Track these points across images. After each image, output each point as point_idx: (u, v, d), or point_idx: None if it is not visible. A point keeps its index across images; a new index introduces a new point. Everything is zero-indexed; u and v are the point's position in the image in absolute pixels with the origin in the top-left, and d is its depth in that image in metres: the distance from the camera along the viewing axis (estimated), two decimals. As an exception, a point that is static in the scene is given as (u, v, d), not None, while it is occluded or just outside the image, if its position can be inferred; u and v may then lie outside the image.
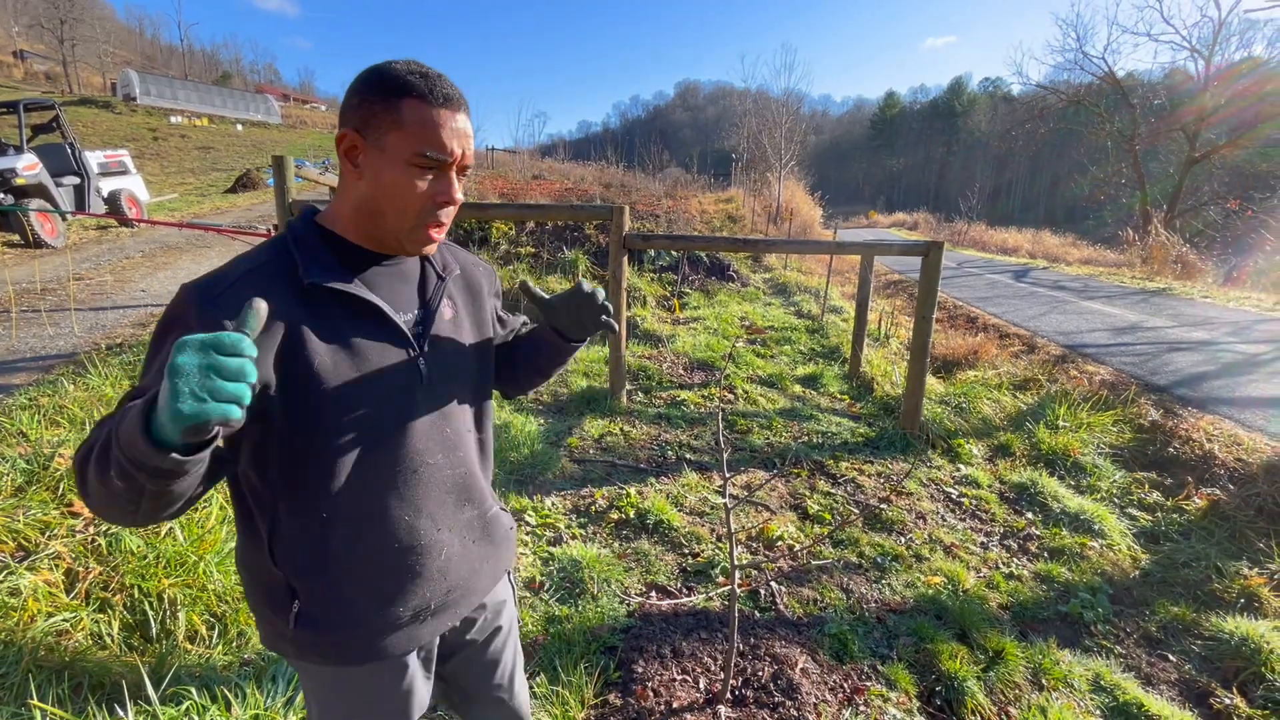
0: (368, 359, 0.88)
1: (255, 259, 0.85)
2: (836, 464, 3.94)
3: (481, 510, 1.06)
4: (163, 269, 7.57)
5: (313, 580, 0.90)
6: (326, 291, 0.85)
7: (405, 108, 0.82)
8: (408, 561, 0.94)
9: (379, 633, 0.94)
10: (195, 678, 1.80)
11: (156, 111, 35.44)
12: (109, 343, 4.59)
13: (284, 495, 0.87)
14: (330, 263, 0.87)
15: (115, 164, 11.09)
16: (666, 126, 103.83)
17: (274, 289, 0.81)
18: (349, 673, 0.97)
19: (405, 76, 0.82)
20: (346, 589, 0.91)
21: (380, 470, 0.90)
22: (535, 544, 2.90)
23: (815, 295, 10.05)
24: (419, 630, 0.98)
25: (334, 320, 0.86)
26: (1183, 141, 21.84)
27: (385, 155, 0.83)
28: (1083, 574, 3.08)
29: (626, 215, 4.43)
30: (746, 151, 22.40)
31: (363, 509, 0.90)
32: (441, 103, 0.83)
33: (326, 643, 0.93)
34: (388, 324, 0.91)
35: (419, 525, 0.94)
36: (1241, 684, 2.44)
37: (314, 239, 0.89)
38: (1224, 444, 4.32)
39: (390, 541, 0.92)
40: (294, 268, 0.85)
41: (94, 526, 2.18)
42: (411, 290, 0.97)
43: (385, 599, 0.93)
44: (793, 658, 2.17)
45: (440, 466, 0.97)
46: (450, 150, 0.85)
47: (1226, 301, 9.99)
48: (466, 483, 1.02)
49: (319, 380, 0.83)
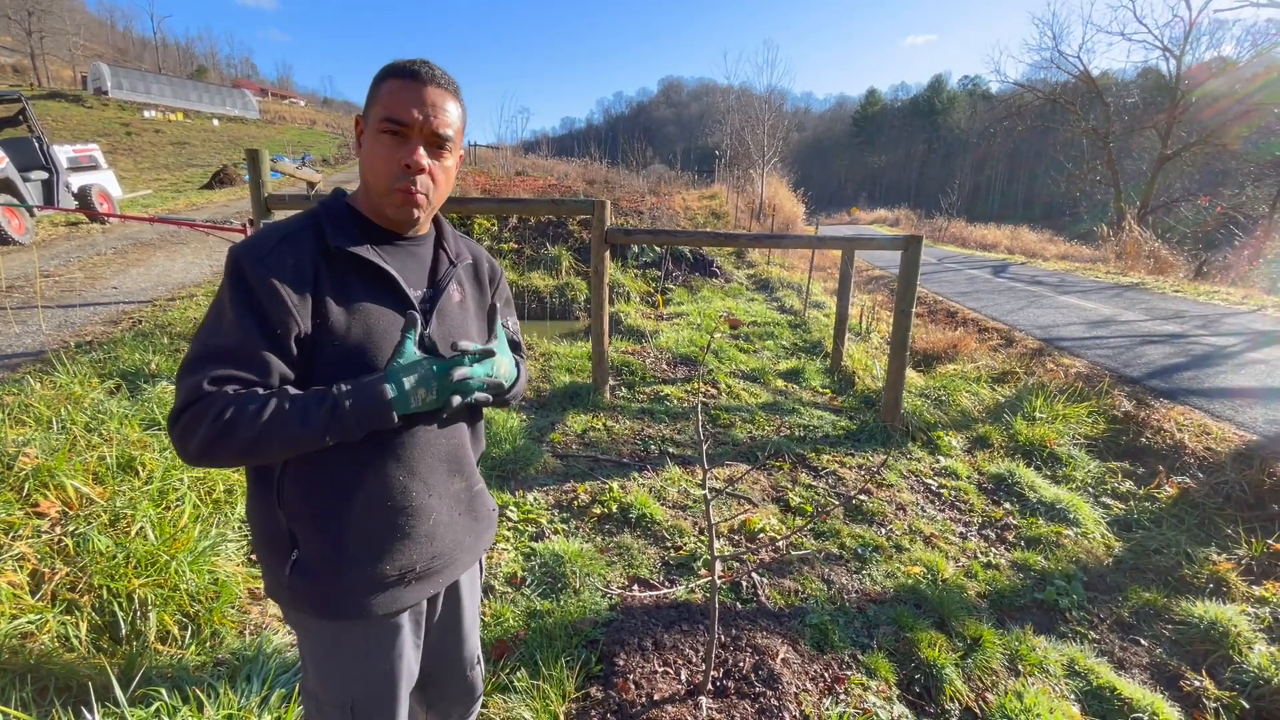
0: (376, 322, 0.96)
1: (290, 226, 0.96)
2: (818, 457, 3.97)
3: (469, 484, 1.14)
4: (135, 265, 7.41)
5: (310, 529, 0.98)
6: (348, 256, 0.96)
7: (383, 86, 0.96)
8: (398, 521, 1.01)
9: (366, 589, 1.00)
10: (167, 679, 1.76)
11: (129, 106, 34.67)
12: (78, 341, 4.49)
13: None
14: (353, 233, 0.98)
15: (85, 159, 10.83)
16: (650, 123, 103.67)
17: (305, 252, 0.93)
18: (341, 629, 1.02)
19: (395, 64, 0.96)
20: (340, 541, 0.98)
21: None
22: (517, 539, 2.88)
23: (798, 291, 10.11)
24: (404, 592, 1.04)
25: (351, 284, 0.96)
26: (1155, 140, 22.28)
27: (369, 129, 0.97)
28: (1058, 562, 3.13)
29: (609, 210, 4.42)
30: (730, 148, 22.46)
31: (360, 463, 0.97)
32: (409, 77, 0.95)
33: (317, 593, 0.99)
34: (399, 293, 0.99)
35: (411, 487, 1.01)
36: (1210, 666, 2.50)
37: (342, 212, 1.00)
38: (1194, 433, 4.41)
39: (384, 499, 0.99)
40: (322, 234, 0.96)
41: (60, 527, 2.13)
42: (424, 270, 1.06)
43: (375, 555, 1.00)
44: (774, 648, 2.18)
45: (435, 435, 1.04)
46: (411, 117, 0.94)
47: (1197, 295, 10.21)
48: (458, 455, 1.09)
49: (332, 335, 0.93)
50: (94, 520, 2.18)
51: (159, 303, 5.82)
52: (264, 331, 0.89)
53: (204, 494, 2.56)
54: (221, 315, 0.91)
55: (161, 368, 3.84)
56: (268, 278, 0.89)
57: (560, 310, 9.18)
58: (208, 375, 0.87)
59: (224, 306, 0.90)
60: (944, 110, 77.92)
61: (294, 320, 0.90)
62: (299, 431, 0.87)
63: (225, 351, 0.88)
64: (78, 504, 2.25)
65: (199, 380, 0.87)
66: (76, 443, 2.58)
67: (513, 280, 9.32)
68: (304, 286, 0.91)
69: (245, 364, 0.89)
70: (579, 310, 9.11)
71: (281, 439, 0.87)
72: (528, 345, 6.04)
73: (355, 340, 0.95)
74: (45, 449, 2.45)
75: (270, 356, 0.90)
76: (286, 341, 0.91)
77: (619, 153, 24.00)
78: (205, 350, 0.89)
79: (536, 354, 5.84)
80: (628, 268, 10.18)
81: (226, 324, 0.89)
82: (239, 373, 0.88)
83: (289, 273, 0.91)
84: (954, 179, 43.83)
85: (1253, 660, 2.46)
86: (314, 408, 0.88)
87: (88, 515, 2.20)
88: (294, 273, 0.91)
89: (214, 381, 0.87)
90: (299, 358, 0.93)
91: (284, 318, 0.89)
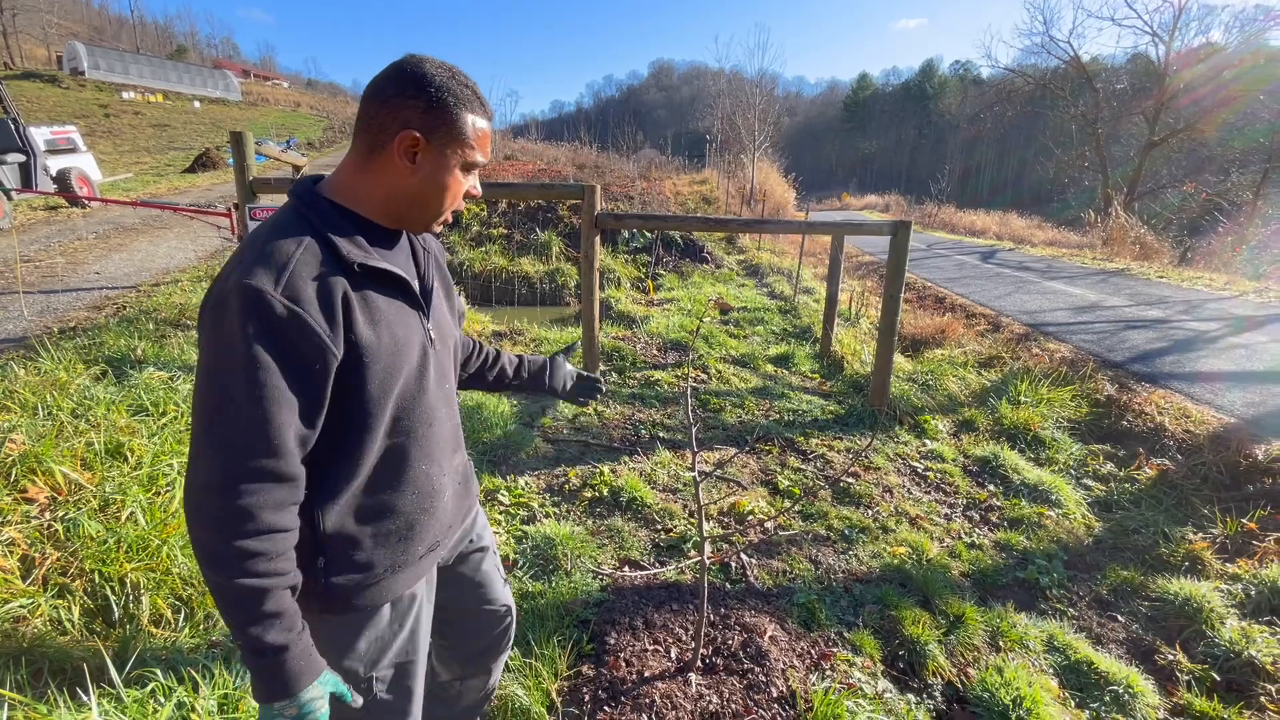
0: (398, 327, 0.96)
1: (291, 243, 0.86)
2: (807, 440, 4.01)
3: (464, 457, 1.23)
4: (118, 251, 7.30)
5: (339, 533, 0.96)
6: (370, 270, 0.92)
7: (468, 123, 0.95)
8: (424, 505, 1.06)
9: (397, 572, 1.04)
10: (161, 661, 1.78)
11: (107, 87, 33.86)
12: (61, 326, 4.43)
13: (327, 458, 0.93)
14: (361, 243, 0.94)
15: (63, 141, 10.61)
16: (640, 107, 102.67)
17: (324, 269, 0.86)
18: (367, 618, 1.04)
19: (463, 91, 0.94)
20: (374, 538, 1.00)
21: (407, 425, 1.00)
22: (509, 523, 2.91)
23: (788, 276, 10.14)
24: (425, 564, 1.10)
25: (370, 294, 0.93)
26: (1143, 126, 22.40)
27: (444, 160, 0.94)
28: (1040, 542, 3.20)
29: (598, 194, 4.40)
30: (721, 133, 22.30)
31: (393, 463, 1.00)
32: (489, 119, 1.00)
33: (351, 589, 0.99)
34: (410, 294, 1.00)
35: (432, 472, 1.07)
36: (1184, 641, 2.58)
37: (339, 219, 0.93)
38: (1174, 416, 4.50)
39: (413, 490, 1.04)
40: (329, 246, 0.89)
41: (49, 512, 2.13)
42: (410, 262, 1.06)
43: (406, 541, 1.04)
44: (762, 626, 2.23)
45: (445, 420, 1.10)
46: (489, 157, 1.01)
47: (1181, 281, 10.34)
48: (457, 434, 1.18)
49: (363, 351, 0.90)
50: (83, 505, 2.18)
51: (143, 288, 5.75)
52: (300, 390, 0.84)
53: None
54: (235, 373, 0.80)
55: (148, 353, 3.81)
56: (298, 313, 0.81)
57: (550, 296, 9.15)
58: (246, 519, 0.81)
59: (239, 360, 0.79)
60: (935, 95, 77.78)
61: (332, 353, 0.85)
62: (242, 626, 0.84)
63: (257, 462, 0.81)
64: (66, 489, 2.25)
65: (236, 526, 0.81)
66: (63, 429, 2.57)
67: (503, 266, 9.28)
68: (334, 311, 0.85)
69: (280, 474, 0.84)
70: (569, 296, 9.09)
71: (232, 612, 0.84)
72: (518, 331, 6.04)
73: (387, 352, 0.93)
74: (32, 435, 2.44)
75: (302, 434, 0.86)
76: (326, 384, 0.86)
77: (609, 137, 23.81)
78: (230, 458, 0.81)
79: (527, 339, 5.84)
80: (618, 253, 10.15)
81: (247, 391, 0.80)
82: (275, 495, 0.83)
83: (319, 300, 0.84)
84: (944, 165, 43.88)
85: (1224, 635, 2.54)
86: (264, 643, 0.84)
87: (77, 501, 2.20)
88: (323, 298, 0.84)
89: (252, 531, 0.82)
90: (333, 385, 0.88)
91: (323, 356, 0.84)
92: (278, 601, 0.84)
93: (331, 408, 0.90)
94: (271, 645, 0.83)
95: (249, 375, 0.80)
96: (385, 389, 0.94)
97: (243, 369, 0.80)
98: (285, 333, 0.81)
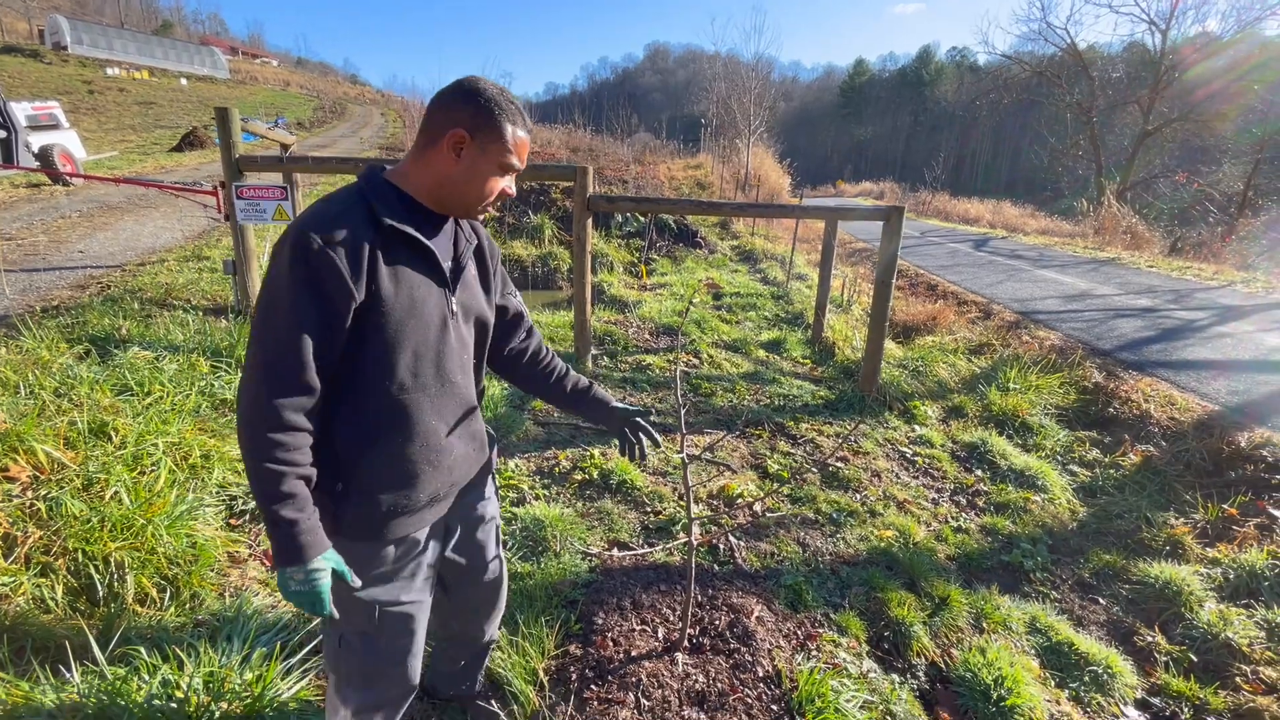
0: (417, 289, 1.12)
1: (342, 205, 1.08)
2: (797, 425, 4.03)
3: (478, 425, 1.37)
4: (102, 229, 7.19)
5: (355, 463, 1.14)
6: (398, 232, 1.09)
7: (508, 130, 1.14)
8: (429, 457, 1.21)
9: (399, 513, 1.19)
10: (146, 639, 1.77)
11: (91, 62, 33.12)
12: (44, 305, 4.37)
13: (347, 390, 1.11)
14: (401, 212, 1.12)
15: (45, 116, 10.39)
16: (635, 90, 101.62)
17: (361, 227, 1.06)
18: (375, 548, 1.20)
19: (509, 106, 1.13)
20: (381, 474, 1.16)
21: (423, 381, 1.16)
22: (498, 504, 2.90)
23: (781, 263, 10.12)
24: (427, 513, 1.25)
25: (399, 255, 1.10)
26: (1138, 115, 22.38)
27: (484, 157, 1.13)
28: (1025, 526, 3.24)
29: (591, 176, 4.36)
30: (716, 117, 22.11)
31: (406, 414, 1.15)
32: (528, 132, 1.19)
33: (359, 517, 1.16)
34: (436, 266, 1.16)
35: (440, 429, 1.22)
36: (1163, 623, 2.63)
37: (389, 192, 1.13)
38: (1159, 404, 4.55)
39: (421, 442, 1.19)
40: (372, 210, 1.09)
41: (31, 491, 2.10)
42: (449, 244, 1.23)
43: (410, 486, 1.19)
44: (749, 607, 2.24)
45: (460, 385, 1.25)
46: (523, 164, 1.20)
47: (1170, 271, 10.41)
48: (471, 401, 1.31)
49: (382, 300, 1.07)
50: (66, 484, 2.15)
51: (129, 268, 5.67)
52: (320, 313, 1.02)
53: (180, 459, 2.54)
54: (280, 295, 1.02)
55: (133, 333, 3.76)
56: (327, 252, 1.00)
57: (543, 279, 9.10)
58: (272, 414, 1.02)
59: (283, 286, 1.02)
60: (931, 82, 77.34)
61: (351, 292, 1.03)
62: (263, 502, 1.04)
63: (285, 370, 1.02)
64: (49, 468, 2.22)
65: (265, 417, 1.02)
66: (46, 407, 2.53)
67: (494, 249, 9.19)
68: (360, 259, 1.04)
69: (302, 384, 1.03)
70: (562, 280, 9.04)
71: (259, 488, 1.04)
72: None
73: (403, 306, 1.09)
74: (13, 413, 2.41)
75: (320, 351, 1.04)
76: (344, 314, 1.04)
77: (603, 120, 23.55)
78: (268, 362, 1.02)
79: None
80: (611, 237, 10.10)
81: (285, 310, 1.01)
82: (296, 400, 1.04)
83: (347, 246, 1.02)
84: (939, 153, 43.77)
85: (1203, 617, 2.59)
86: (279, 516, 1.03)
87: (59, 479, 2.18)
88: (352, 247, 1.03)
89: (276, 426, 1.02)
90: (351, 326, 1.06)
91: (342, 289, 1.02)
92: (292, 485, 1.04)
93: (353, 348, 1.08)
94: (285, 519, 1.03)
95: (286, 299, 1.01)
96: (399, 339, 1.10)
97: (282, 294, 1.02)
98: (317, 270, 1.01)
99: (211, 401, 3.13)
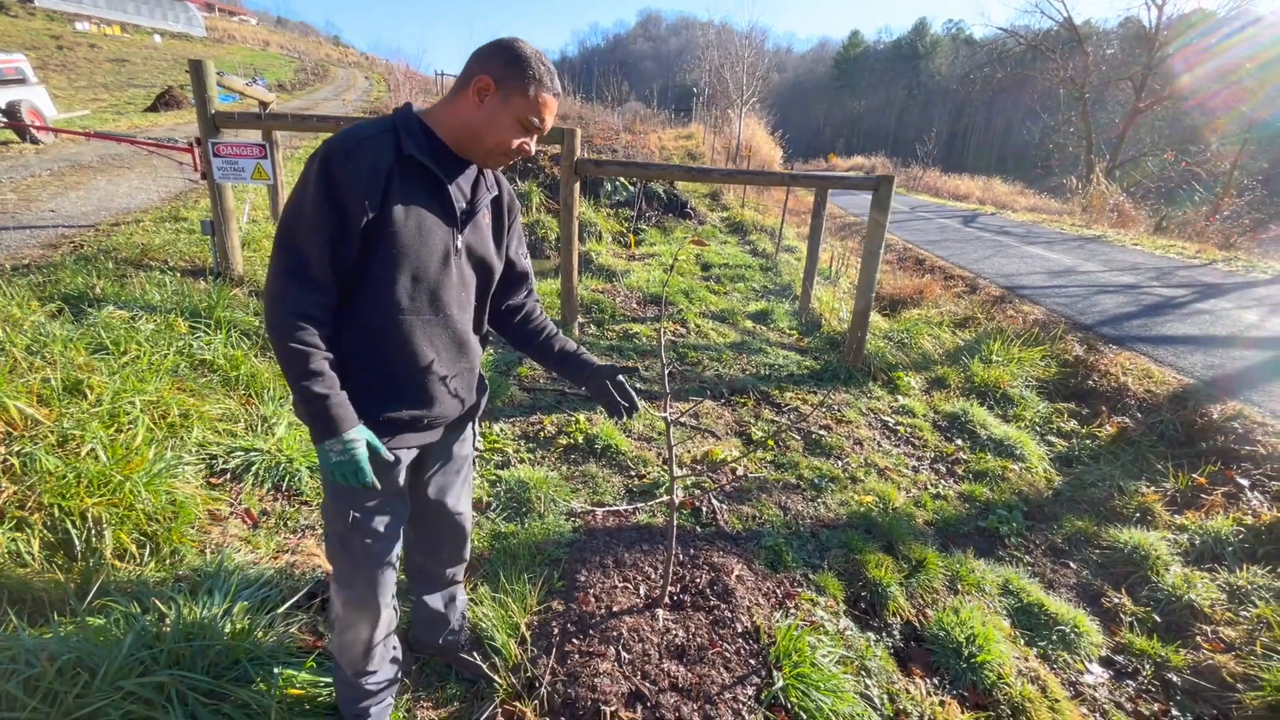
0: (425, 219, 1.21)
1: (372, 129, 1.17)
2: (781, 394, 4.05)
3: (472, 365, 1.43)
4: (74, 189, 6.96)
5: (353, 370, 1.24)
6: (416, 163, 1.18)
7: (532, 87, 1.20)
8: (416, 379, 1.30)
9: (385, 424, 1.28)
10: (126, 594, 1.76)
11: (59, 16, 31.71)
12: (14, 264, 4.24)
13: (354, 301, 1.21)
14: (425, 147, 1.21)
15: (11, 70, 9.98)
16: (627, 57, 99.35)
17: (384, 152, 1.15)
18: None
19: (539, 67, 1.20)
20: (371, 384, 1.26)
21: (419, 305, 1.25)
22: (482, 467, 2.91)
23: (770, 234, 10.07)
24: (407, 437, 1.34)
25: (414, 185, 1.19)
26: (1130, 92, 22.30)
27: (506, 107, 1.20)
28: (1002, 493, 3.31)
29: (578, 139, 4.28)
30: (708, 86, 21.72)
31: (400, 333, 1.24)
32: (556, 95, 1.24)
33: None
34: (447, 202, 1.24)
35: (427, 354, 1.29)
36: (1130, 586, 2.71)
37: (416, 127, 1.22)
38: (1137, 377, 4.62)
39: (408, 361, 1.27)
40: (397, 139, 1.17)
41: (4, 447, 2.07)
42: (468, 187, 1.30)
43: (394, 402, 1.29)
44: (729, 566, 2.28)
45: (455, 320, 1.32)
46: (546, 125, 1.26)
47: (1154, 249, 10.49)
48: (468, 340, 1.38)
49: (391, 221, 1.16)
50: (40, 441, 2.12)
51: (102, 227, 5.51)
52: (336, 220, 1.12)
53: (158, 418, 2.50)
54: (305, 200, 1.13)
55: (107, 292, 3.67)
56: (349, 167, 1.11)
57: (530, 248, 8.99)
58: (293, 304, 1.14)
59: (308, 194, 1.12)
60: (926, 55, 76.37)
61: (364, 206, 1.12)
62: (295, 381, 1.15)
63: (304, 268, 1.14)
64: (23, 425, 2.18)
65: (286, 307, 1.14)
66: (17, 365, 2.48)
67: (481, 216, 9.05)
68: (378, 179, 1.13)
69: (317, 282, 1.16)
70: (549, 249, 8.93)
71: (289, 371, 1.16)
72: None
73: (410, 231, 1.18)
74: (-17, 369, 2.35)
75: (334, 255, 1.15)
76: (356, 224, 1.13)
77: (594, 88, 23.07)
78: (289, 261, 1.14)
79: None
80: (600, 206, 9.96)
81: (307, 215, 1.12)
82: (312, 295, 1.16)
83: (368, 166, 1.12)
84: (931, 128, 43.46)
85: (1168, 580, 2.67)
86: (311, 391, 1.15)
87: (33, 436, 2.14)
88: (371, 167, 1.12)
89: (296, 314, 1.14)
90: (361, 239, 1.16)
91: (357, 202, 1.12)
92: (318, 364, 1.15)
93: (361, 261, 1.18)
94: (316, 394, 1.14)
95: (307, 202, 1.12)
96: (400, 261, 1.19)
97: (307, 201, 1.12)
98: (336, 181, 1.11)
99: (190, 361, 3.08)
